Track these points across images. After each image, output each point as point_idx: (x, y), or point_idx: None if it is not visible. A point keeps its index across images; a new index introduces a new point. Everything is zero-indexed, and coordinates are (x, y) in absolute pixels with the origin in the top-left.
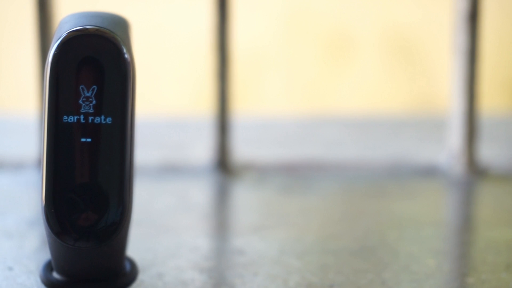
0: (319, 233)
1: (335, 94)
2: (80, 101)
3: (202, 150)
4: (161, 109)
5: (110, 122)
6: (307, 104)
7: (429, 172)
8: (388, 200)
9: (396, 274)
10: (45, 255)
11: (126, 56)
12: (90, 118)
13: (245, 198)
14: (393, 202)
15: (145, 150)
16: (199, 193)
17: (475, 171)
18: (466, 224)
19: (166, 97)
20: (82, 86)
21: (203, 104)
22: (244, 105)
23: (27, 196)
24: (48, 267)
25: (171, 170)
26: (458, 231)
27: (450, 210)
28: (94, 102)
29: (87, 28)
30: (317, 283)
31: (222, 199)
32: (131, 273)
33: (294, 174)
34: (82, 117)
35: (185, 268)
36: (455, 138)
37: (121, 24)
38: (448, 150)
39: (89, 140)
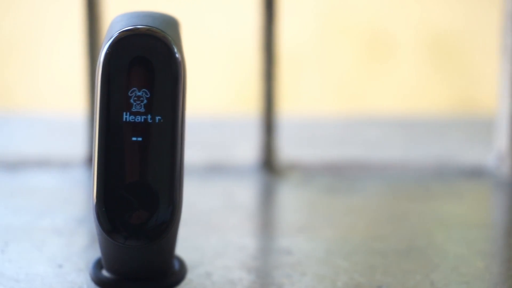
0: (365, 234)
1: (375, 94)
2: (131, 101)
3: (247, 150)
4: (206, 108)
5: (160, 122)
6: (347, 104)
7: (475, 173)
8: (434, 201)
9: (445, 276)
10: (94, 253)
11: (177, 55)
12: (141, 117)
13: (291, 198)
14: (439, 203)
15: (190, 150)
16: (245, 192)
17: None
18: None
19: (210, 96)
20: (133, 85)
21: (248, 103)
22: (285, 104)
23: (75, 194)
24: (98, 265)
25: (216, 170)
26: (506, 233)
27: (498, 212)
28: (145, 101)
29: (138, 28)
30: (365, 283)
31: (267, 198)
32: (180, 272)
33: (338, 174)
34: (133, 116)
35: (232, 267)
36: (502, 139)
37: (172, 23)
38: (495, 151)
39: (140, 139)
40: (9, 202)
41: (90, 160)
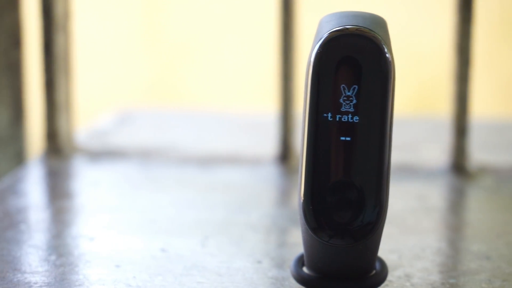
0: None
1: None
2: (341, 100)
3: (436, 152)
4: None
5: (369, 122)
6: None
7: None
8: None
9: None
10: (291, 251)
11: (387, 55)
12: (350, 117)
13: (483, 202)
14: None
15: None
16: (436, 195)
17: None
18: None
19: (397, 96)
20: (343, 85)
21: (430, 105)
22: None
23: (266, 191)
24: (299, 263)
25: (406, 171)
26: None
27: None
28: (354, 101)
29: (348, 28)
30: None
31: (460, 202)
32: (382, 273)
33: None
34: (342, 115)
35: (432, 270)
36: None
37: (381, 23)
38: None
39: (348, 139)
40: (205, 197)
41: (280, 157)
